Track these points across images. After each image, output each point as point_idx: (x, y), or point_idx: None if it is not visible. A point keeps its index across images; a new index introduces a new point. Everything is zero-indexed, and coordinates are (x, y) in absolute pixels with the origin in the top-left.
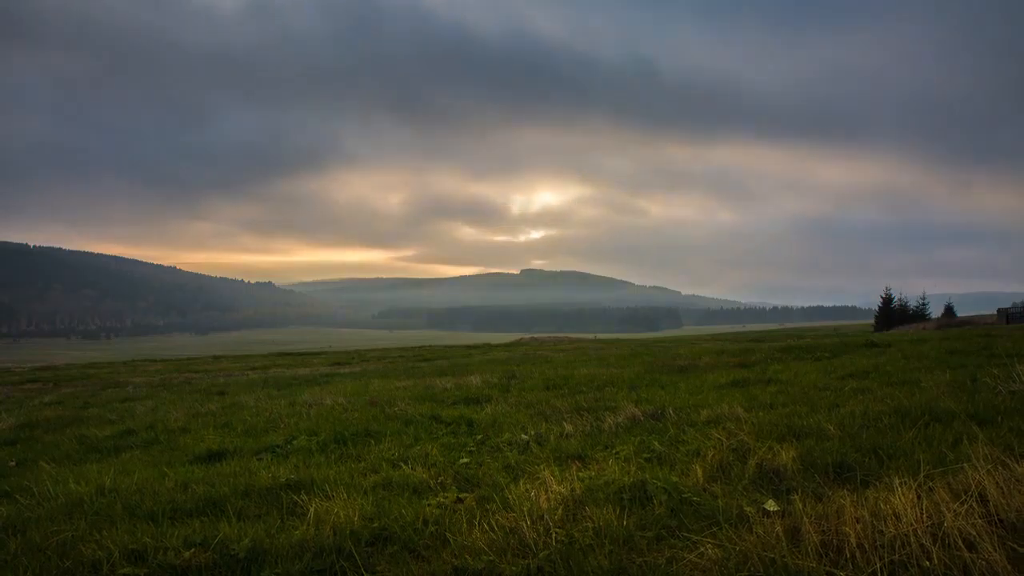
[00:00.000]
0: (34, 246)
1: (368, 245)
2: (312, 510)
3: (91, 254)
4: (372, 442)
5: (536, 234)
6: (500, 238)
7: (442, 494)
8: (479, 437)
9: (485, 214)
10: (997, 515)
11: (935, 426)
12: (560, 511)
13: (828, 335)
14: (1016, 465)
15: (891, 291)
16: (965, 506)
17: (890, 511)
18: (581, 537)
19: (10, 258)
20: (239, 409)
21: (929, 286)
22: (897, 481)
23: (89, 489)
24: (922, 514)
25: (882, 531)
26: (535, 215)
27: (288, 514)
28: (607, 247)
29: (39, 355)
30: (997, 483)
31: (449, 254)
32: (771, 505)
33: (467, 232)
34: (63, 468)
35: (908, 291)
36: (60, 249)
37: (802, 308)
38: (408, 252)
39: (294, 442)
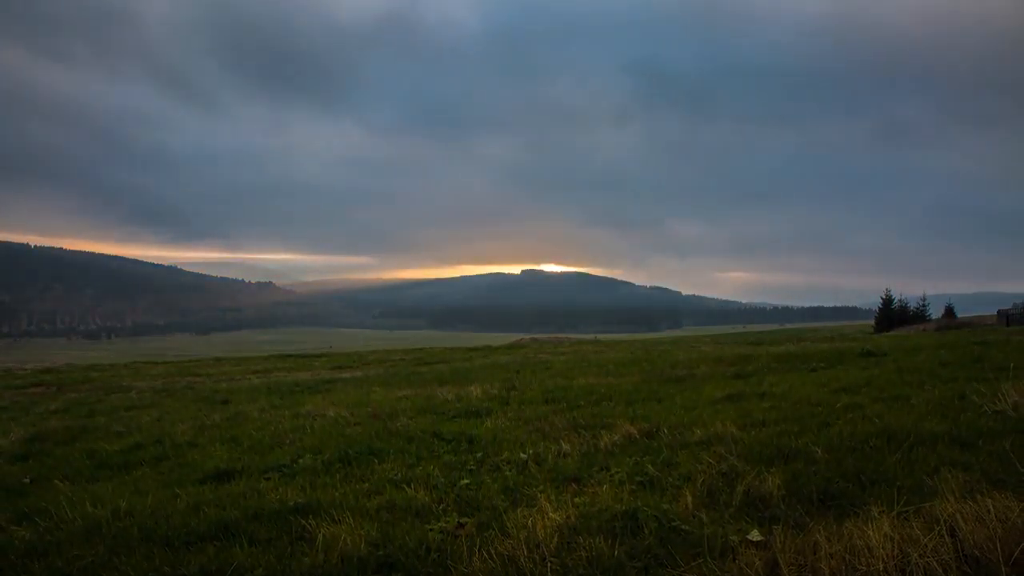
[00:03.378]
0: (34, 246)
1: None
2: (320, 536)
3: (91, 254)
4: (376, 461)
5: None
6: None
7: (444, 519)
8: (479, 455)
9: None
10: (963, 550)
11: (919, 449)
12: (555, 539)
13: (827, 338)
14: (986, 496)
15: (891, 292)
16: (934, 540)
17: (864, 545)
18: (575, 566)
19: (10, 258)
20: (244, 421)
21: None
22: (876, 511)
23: (105, 512)
24: (893, 548)
25: (855, 567)
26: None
27: (297, 539)
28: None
29: (40, 355)
30: (966, 516)
31: (450, 254)
32: (755, 535)
33: (467, 232)
34: (77, 487)
35: (908, 291)
36: (60, 249)
37: (802, 308)
38: (409, 252)
39: (300, 461)
